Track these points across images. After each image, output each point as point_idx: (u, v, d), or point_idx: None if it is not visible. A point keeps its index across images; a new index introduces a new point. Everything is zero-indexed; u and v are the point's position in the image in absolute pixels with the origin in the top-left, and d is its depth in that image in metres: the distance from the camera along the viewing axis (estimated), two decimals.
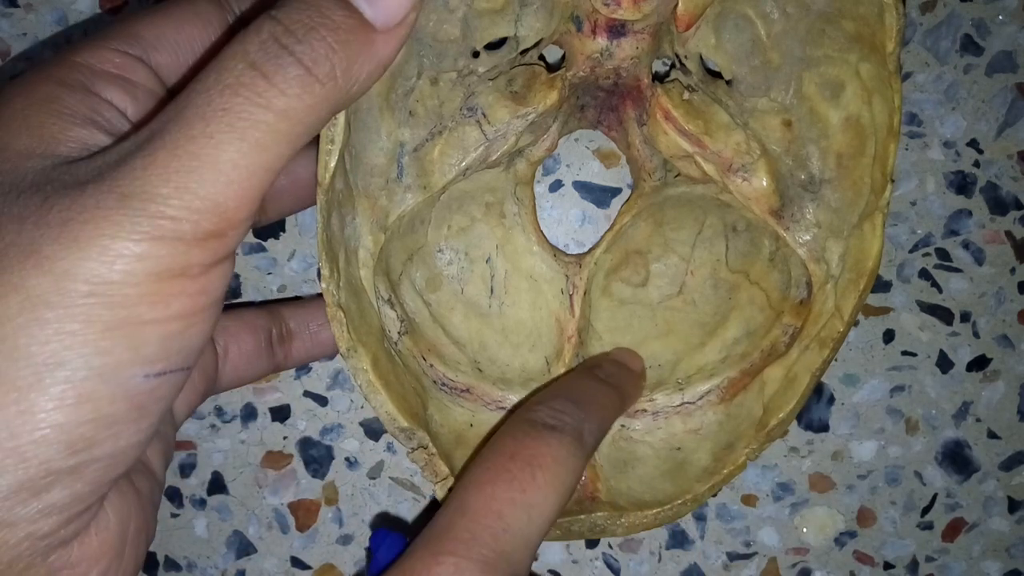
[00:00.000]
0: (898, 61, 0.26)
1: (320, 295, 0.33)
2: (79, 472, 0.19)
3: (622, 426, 0.30)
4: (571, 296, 0.30)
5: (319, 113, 0.19)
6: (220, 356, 0.28)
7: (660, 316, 0.29)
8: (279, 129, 0.19)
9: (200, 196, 0.18)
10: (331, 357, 0.34)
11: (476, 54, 0.27)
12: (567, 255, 0.30)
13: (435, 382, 0.29)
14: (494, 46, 0.28)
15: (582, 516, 0.28)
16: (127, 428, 0.19)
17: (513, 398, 0.30)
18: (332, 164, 0.24)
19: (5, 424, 0.17)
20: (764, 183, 0.28)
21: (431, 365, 0.29)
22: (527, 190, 0.29)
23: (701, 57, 0.28)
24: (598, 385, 0.27)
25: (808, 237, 0.28)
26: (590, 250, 0.30)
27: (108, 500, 0.20)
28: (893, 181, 0.27)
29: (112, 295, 0.18)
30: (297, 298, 0.34)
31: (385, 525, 0.29)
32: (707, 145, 0.28)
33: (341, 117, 0.24)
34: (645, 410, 0.30)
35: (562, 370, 0.30)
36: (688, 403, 0.29)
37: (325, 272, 0.26)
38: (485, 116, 0.27)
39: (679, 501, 0.29)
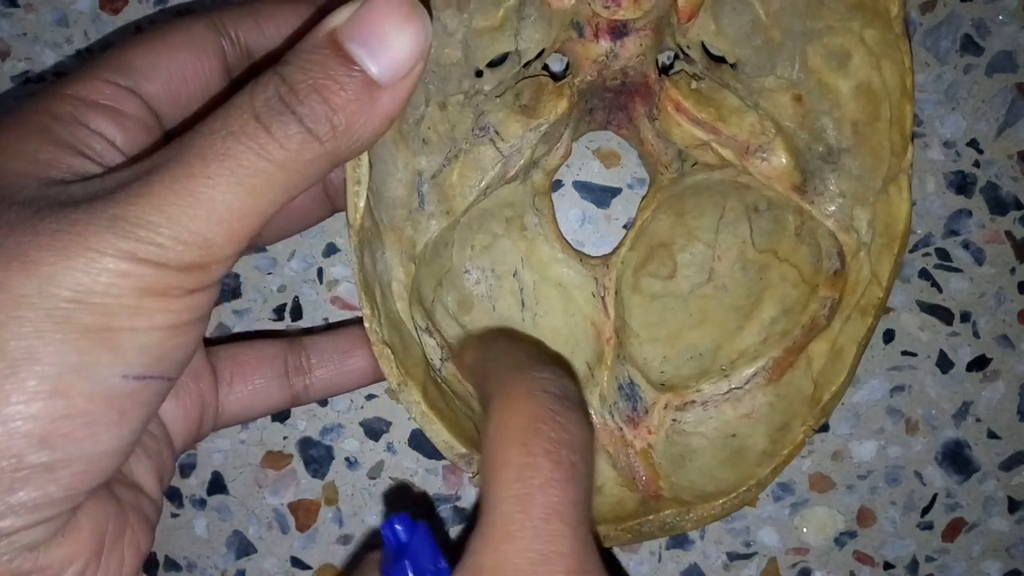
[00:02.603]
0: (904, 24, 0.26)
1: (341, 323, 0.34)
2: (54, 472, 0.19)
3: (674, 420, 0.29)
4: (603, 298, 0.30)
5: (319, 167, 0.20)
6: (225, 386, 0.27)
7: (693, 305, 0.29)
8: (276, 179, 0.19)
9: (190, 230, 0.19)
10: (357, 389, 0.33)
11: (480, 73, 0.27)
12: (593, 258, 0.30)
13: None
14: (497, 63, 0.28)
15: (651, 516, 0.28)
16: (106, 431, 0.19)
17: None
18: (361, 204, 0.25)
19: None
20: (783, 160, 0.28)
21: None
22: (545, 200, 0.29)
23: (703, 44, 0.28)
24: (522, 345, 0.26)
25: (834, 208, 0.28)
26: (615, 250, 0.30)
27: (82, 508, 0.20)
28: (913, 142, 0.27)
29: (93, 302, 0.18)
30: (321, 328, 0.34)
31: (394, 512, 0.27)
32: (722, 131, 0.28)
33: (365, 158, 0.24)
34: (694, 401, 0.29)
35: (605, 374, 0.30)
36: (736, 388, 0.29)
37: (366, 311, 0.26)
38: (498, 133, 0.27)
39: (744, 488, 0.28)
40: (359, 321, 0.33)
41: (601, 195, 0.33)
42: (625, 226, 0.33)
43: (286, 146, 0.19)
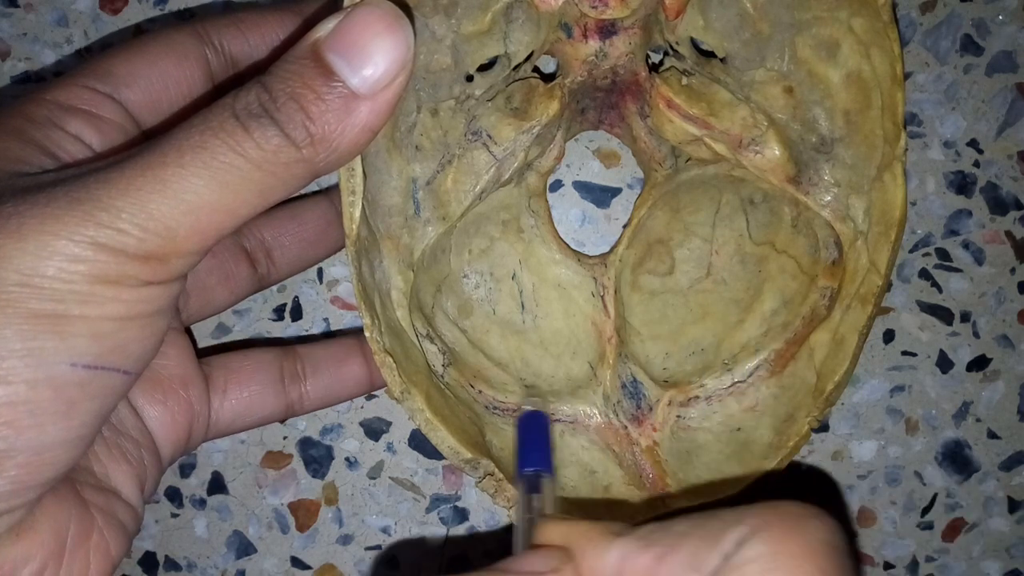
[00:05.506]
0: (892, 11, 0.26)
1: (336, 333, 0.34)
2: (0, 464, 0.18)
3: (678, 416, 0.29)
4: (602, 297, 0.30)
5: (295, 172, 0.20)
6: (220, 394, 0.27)
7: (693, 301, 0.29)
8: (252, 178, 0.19)
9: (154, 217, 0.18)
10: (352, 399, 0.33)
11: (470, 78, 0.27)
12: (591, 257, 0.30)
13: (487, 407, 0.29)
14: (486, 67, 0.28)
15: (659, 514, 0.28)
16: (53, 421, 0.19)
17: (564, 408, 0.30)
18: (357, 214, 0.25)
19: None
20: (777, 152, 0.28)
21: (480, 391, 0.29)
22: (541, 201, 0.30)
23: (692, 40, 0.28)
24: None
25: (829, 197, 0.28)
26: (613, 248, 0.30)
27: (39, 506, 0.20)
28: (906, 129, 0.27)
29: (43, 287, 0.18)
30: (317, 337, 0.34)
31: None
32: (714, 125, 0.28)
33: (359, 167, 0.24)
34: (698, 396, 0.29)
35: (608, 373, 0.30)
36: (739, 382, 0.29)
37: (366, 321, 0.26)
38: (491, 137, 0.27)
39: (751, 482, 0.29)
40: (357, 326, 0.33)
41: (601, 195, 0.33)
42: (625, 226, 0.33)
43: (263, 146, 0.19)
